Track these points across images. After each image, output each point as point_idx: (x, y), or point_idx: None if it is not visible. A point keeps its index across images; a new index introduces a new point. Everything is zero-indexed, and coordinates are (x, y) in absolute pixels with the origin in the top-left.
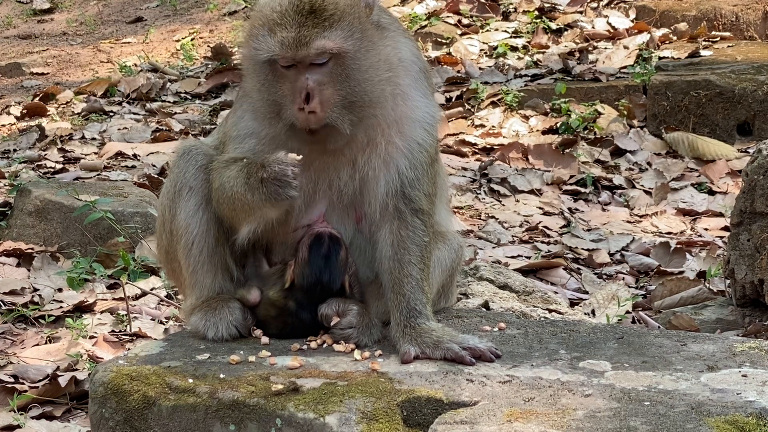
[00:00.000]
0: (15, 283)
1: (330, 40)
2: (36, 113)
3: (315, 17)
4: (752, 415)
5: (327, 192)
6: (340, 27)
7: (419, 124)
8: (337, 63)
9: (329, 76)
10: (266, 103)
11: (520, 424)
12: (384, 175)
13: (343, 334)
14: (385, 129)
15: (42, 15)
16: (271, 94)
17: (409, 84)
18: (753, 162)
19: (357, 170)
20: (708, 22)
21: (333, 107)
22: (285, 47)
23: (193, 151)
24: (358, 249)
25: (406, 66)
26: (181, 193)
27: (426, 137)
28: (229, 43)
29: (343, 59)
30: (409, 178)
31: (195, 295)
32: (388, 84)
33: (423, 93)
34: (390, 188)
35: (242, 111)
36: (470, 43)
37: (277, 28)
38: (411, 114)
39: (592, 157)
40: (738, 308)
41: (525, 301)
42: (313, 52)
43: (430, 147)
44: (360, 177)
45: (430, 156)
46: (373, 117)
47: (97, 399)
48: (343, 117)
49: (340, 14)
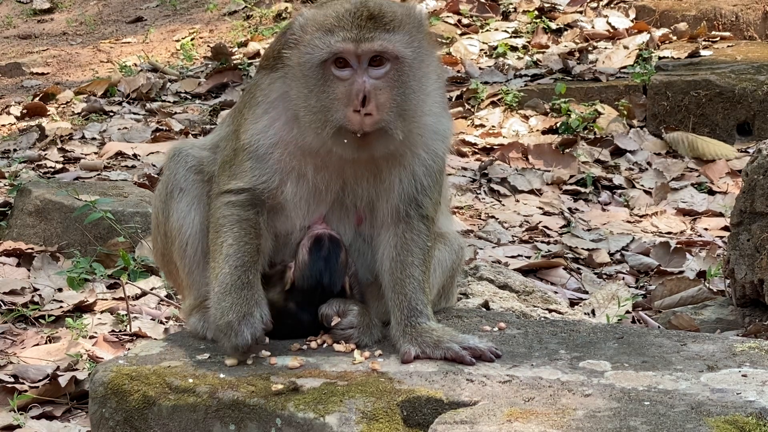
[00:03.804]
0: (15, 283)
1: (392, 43)
2: (36, 113)
3: (375, 22)
4: (752, 415)
5: (339, 193)
6: (401, 32)
7: (440, 138)
8: (395, 68)
9: (386, 81)
10: (312, 110)
11: (520, 424)
12: (401, 183)
13: (344, 334)
14: (414, 141)
15: (42, 15)
16: (320, 100)
17: (436, 99)
18: (753, 162)
19: (380, 181)
20: (708, 22)
21: (387, 111)
22: (347, 41)
23: (182, 152)
24: (357, 251)
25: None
26: (173, 195)
27: (444, 149)
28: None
29: (401, 65)
30: (423, 185)
31: (193, 295)
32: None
33: (443, 107)
34: (405, 194)
35: (270, 119)
36: (470, 43)
37: (336, 29)
38: (435, 128)
39: (592, 157)
40: (738, 308)
41: (525, 301)
42: (376, 47)
43: (444, 157)
44: (382, 187)
45: (442, 165)
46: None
47: (97, 399)
48: (395, 123)
49: (399, 22)
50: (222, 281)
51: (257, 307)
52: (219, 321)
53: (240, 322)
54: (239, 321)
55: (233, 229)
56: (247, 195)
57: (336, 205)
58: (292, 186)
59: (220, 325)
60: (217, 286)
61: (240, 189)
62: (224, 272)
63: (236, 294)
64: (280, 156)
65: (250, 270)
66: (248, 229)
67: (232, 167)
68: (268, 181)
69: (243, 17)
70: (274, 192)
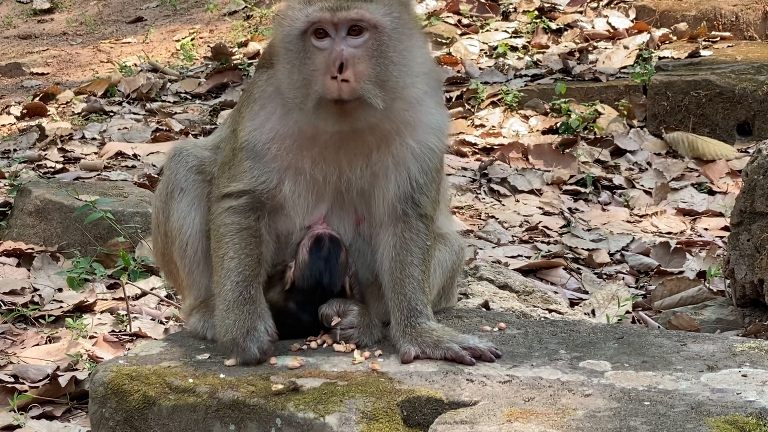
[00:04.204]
0: (15, 283)
1: (369, 11)
2: (36, 113)
3: None
4: (752, 415)
5: (337, 184)
6: (379, 2)
7: (432, 131)
8: (374, 38)
9: (365, 50)
10: (295, 85)
11: (520, 424)
12: (395, 178)
13: (344, 335)
14: (401, 129)
15: (42, 15)
16: (302, 73)
17: (426, 91)
18: (753, 162)
19: (370, 166)
20: (708, 22)
21: (365, 80)
22: (324, 10)
23: (183, 152)
24: (357, 251)
25: (426, 74)
26: (173, 195)
27: (438, 144)
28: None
29: (380, 34)
30: (419, 183)
31: (193, 295)
32: (421, 81)
33: (437, 102)
34: (400, 192)
35: (266, 114)
36: (470, 43)
37: (314, 0)
38: (425, 119)
39: (592, 157)
40: (738, 308)
41: (525, 301)
42: (353, 15)
43: (440, 154)
44: (371, 173)
45: (439, 163)
46: (403, 111)
47: (97, 399)
48: (375, 92)
49: None
50: (224, 298)
51: (260, 320)
52: (224, 338)
53: (245, 338)
54: (244, 337)
55: (234, 240)
56: (247, 198)
57: (336, 205)
58: (290, 183)
59: (225, 342)
60: (220, 303)
61: (240, 192)
62: (226, 289)
63: (238, 310)
64: (277, 151)
65: (251, 284)
66: (249, 239)
67: (231, 168)
68: (266, 181)
69: (243, 17)
70: (273, 192)
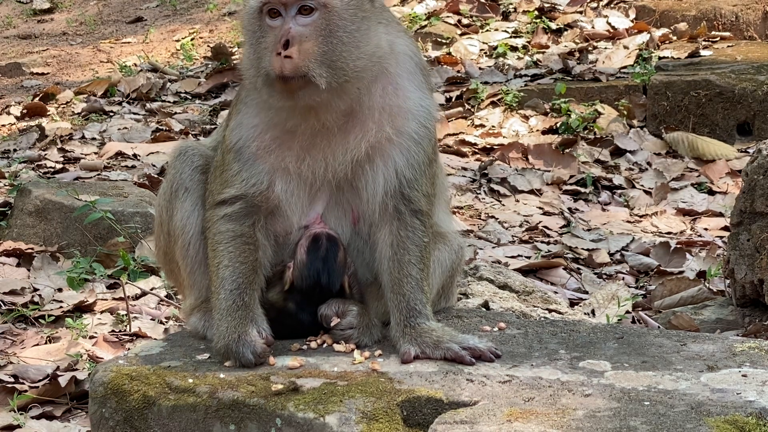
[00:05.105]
0: (15, 283)
1: None
2: (36, 113)
3: None
4: (752, 415)
5: (326, 177)
6: None
7: (412, 116)
8: (323, 17)
9: (313, 29)
10: (251, 63)
11: (520, 424)
12: (382, 172)
13: (344, 335)
14: (375, 114)
15: (42, 15)
16: (256, 51)
17: (401, 75)
18: (753, 162)
19: (349, 150)
20: (708, 22)
21: (311, 58)
22: None
23: (189, 152)
24: (355, 250)
25: (398, 57)
26: (178, 194)
27: (421, 131)
28: (229, 43)
29: (329, 13)
30: (407, 177)
31: (194, 295)
32: (376, 64)
33: (417, 86)
34: (389, 188)
35: (248, 113)
36: (470, 43)
37: None
38: (402, 104)
39: (592, 157)
40: (738, 308)
41: (525, 301)
42: None
43: (426, 145)
44: (354, 160)
45: (427, 156)
46: (356, 91)
47: (97, 399)
48: (319, 71)
49: None
50: (219, 307)
51: (252, 324)
52: (218, 345)
53: (237, 344)
54: (236, 343)
55: (228, 248)
56: (241, 204)
57: (331, 203)
58: (281, 183)
59: (219, 349)
60: (215, 311)
61: (233, 198)
62: (221, 297)
63: (230, 317)
64: (259, 149)
65: (245, 291)
66: (243, 247)
67: (223, 173)
68: (257, 184)
69: None
70: (266, 194)
